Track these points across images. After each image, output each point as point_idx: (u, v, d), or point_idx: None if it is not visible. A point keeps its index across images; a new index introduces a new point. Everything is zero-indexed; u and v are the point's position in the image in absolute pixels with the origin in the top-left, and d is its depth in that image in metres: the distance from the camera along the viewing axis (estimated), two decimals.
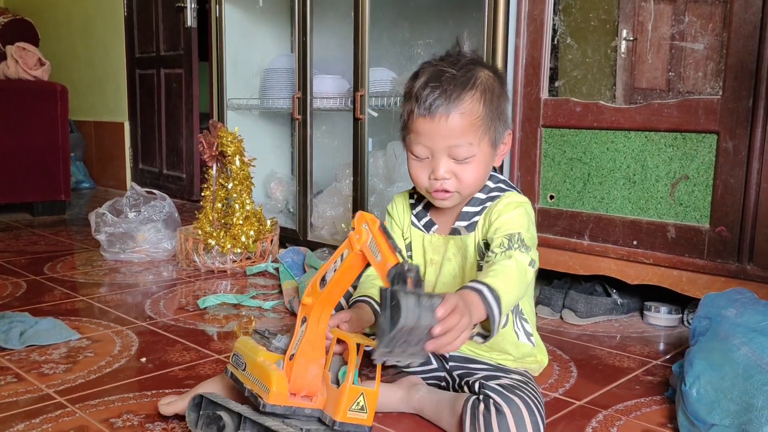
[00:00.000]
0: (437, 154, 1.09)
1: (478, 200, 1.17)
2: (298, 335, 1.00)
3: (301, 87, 2.45)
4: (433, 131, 1.07)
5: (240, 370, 1.05)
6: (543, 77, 1.78)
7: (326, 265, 1.00)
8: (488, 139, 1.10)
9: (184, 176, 3.89)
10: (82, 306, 1.83)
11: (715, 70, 1.60)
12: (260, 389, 0.99)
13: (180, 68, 3.81)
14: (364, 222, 0.93)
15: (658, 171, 1.62)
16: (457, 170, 1.09)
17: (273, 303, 1.87)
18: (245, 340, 1.08)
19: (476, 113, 1.08)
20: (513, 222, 1.10)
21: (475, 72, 1.10)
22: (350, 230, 0.98)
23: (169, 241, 2.41)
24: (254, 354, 1.03)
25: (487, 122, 1.09)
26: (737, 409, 1.00)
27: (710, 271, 1.55)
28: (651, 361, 1.47)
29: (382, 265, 0.89)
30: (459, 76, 1.08)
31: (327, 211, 2.48)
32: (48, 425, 1.12)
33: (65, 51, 4.64)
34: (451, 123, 1.06)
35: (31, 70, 3.31)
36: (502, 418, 1.01)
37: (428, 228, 1.21)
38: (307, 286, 1.01)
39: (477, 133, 1.08)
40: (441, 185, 1.10)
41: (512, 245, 1.06)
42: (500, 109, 1.12)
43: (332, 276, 0.97)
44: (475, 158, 1.09)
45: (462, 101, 1.07)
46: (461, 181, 1.10)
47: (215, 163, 2.31)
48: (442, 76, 1.08)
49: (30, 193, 3.29)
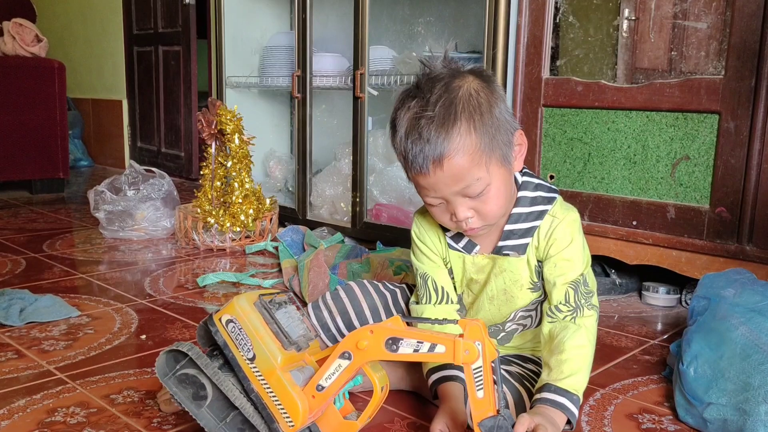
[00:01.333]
0: (451, 199, 0.99)
1: (521, 216, 1.07)
2: (333, 368, 0.89)
3: (300, 65, 2.43)
4: (434, 184, 0.98)
5: (243, 356, 0.90)
6: (544, 56, 1.77)
7: (404, 331, 0.87)
8: (496, 161, 0.98)
9: (183, 154, 3.88)
10: (82, 283, 1.84)
11: (718, 49, 1.59)
12: (278, 413, 0.89)
13: (178, 46, 3.78)
14: (478, 340, 0.84)
15: (659, 151, 1.61)
16: (477, 206, 1.00)
17: (272, 281, 1.87)
18: (245, 306, 0.91)
19: (471, 146, 0.95)
20: (574, 261, 1.06)
21: (453, 97, 0.96)
22: (450, 327, 0.91)
23: (168, 220, 2.40)
24: (266, 346, 0.89)
25: (487, 147, 0.97)
26: (734, 388, 1.01)
27: (709, 251, 1.55)
28: (649, 340, 1.48)
29: (480, 403, 0.86)
30: (437, 116, 0.95)
31: (326, 190, 2.48)
32: (49, 401, 1.13)
33: (62, 28, 4.60)
34: (448, 170, 0.95)
35: (28, 46, 3.28)
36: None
37: (469, 249, 1.11)
38: (365, 328, 0.88)
39: (480, 164, 0.96)
40: (465, 225, 1.02)
41: (579, 302, 1.05)
42: (495, 120, 0.98)
43: (408, 353, 0.86)
44: (490, 187, 0.98)
45: (450, 141, 0.94)
46: (485, 215, 1.01)
47: (214, 141, 2.30)
48: (418, 125, 0.96)
49: (28, 171, 3.28)
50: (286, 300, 0.95)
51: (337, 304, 1.23)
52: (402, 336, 0.87)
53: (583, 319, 1.05)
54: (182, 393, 0.92)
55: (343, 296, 1.24)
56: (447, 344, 0.85)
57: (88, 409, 1.10)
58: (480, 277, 1.13)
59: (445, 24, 2.39)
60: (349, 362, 0.88)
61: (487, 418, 0.86)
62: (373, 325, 0.89)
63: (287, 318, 0.92)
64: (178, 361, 0.93)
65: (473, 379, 0.85)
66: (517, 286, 1.11)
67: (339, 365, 0.89)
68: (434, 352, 0.86)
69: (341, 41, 2.46)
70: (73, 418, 1.07)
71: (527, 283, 1.10)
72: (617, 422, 1.10)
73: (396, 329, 0.87)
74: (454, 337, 0.85)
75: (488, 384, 0.85)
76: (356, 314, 1.23)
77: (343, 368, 0.89)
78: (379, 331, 0.87)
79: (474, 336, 0.84)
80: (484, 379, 0.85)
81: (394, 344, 0.87)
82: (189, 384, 0.92)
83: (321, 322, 1.24)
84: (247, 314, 0.90)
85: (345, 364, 0.89)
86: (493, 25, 1.83)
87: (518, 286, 1.10)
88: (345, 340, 0.89)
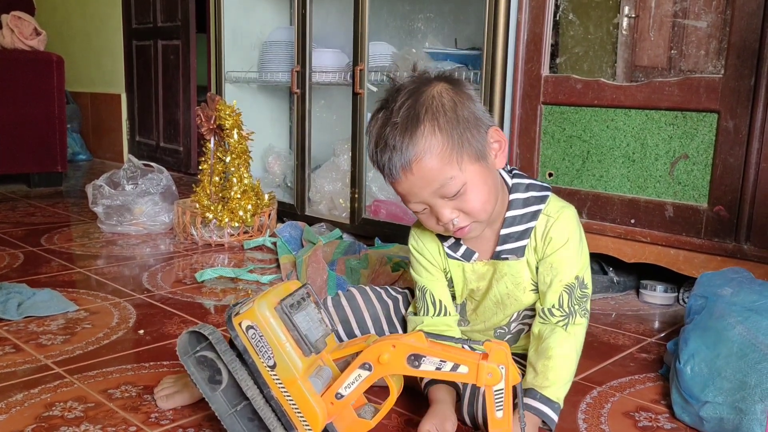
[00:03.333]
0: (431, 202, 1.00)
1: (515, 218, 1.07)
2: (353, 378, 0.90)
3: (300, 60, 2.43)
4: (409, 188, 0.99)
5: (263, 362, 0.90)
6: (544, 54, 1.77)
7: (427, 348, 0.87)
8: (468, 158, 0.97)
9: (182, 149, 3.88)
10: (80, 278, 1.83)
11: (718, 48, 1.59)
12: (297, 420, 0.89)
13: (177, 40, 3.77)
14: (502, 364, 0.85)
15: (658, 149, 1.62)
16: (459, 205, 0.99)
17: (270, 277, 1.87)
18: (266, 314, 0.90)
19: (437, 147, 0.95)
20: (570, 261, 1.06)
21: (417, 101, 0.97)
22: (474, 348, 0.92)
23: (167, 215, 2.40)
24: (287, 356, 0.89)
25: (456, 144, 0.96)
26: (731, 386, 1.01)
27: (707, 250, 1.55)
28: (646, 338, 1.48)
29: (498, 423, 0.87)
30: (401, 122, 0.96)
31: (325, 186, 2.48)
32: (47, 395, 1.13)
33: (61, 21, 4.59)
34: (418, 173, 0.96)
35: (27, 39, 3.27)
36: None
37: (468, 257, 1.11)
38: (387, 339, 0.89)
39: (451, 162, 0.96)
40: (452, 227, 1.01)
41: (573, 308, 1.05)
42: (463, 120, 0.98)
43: (430, 370, 0.87)
44: (467, 186, 0.98)
45: (415, 145, 0.95)
46: (469, 213, 1.00)
47: (213, 136, 2.30)
48: (383, 133, 0.98)
49: (26, 165, 3.28)
50: (305, 296, 0.94)
51: (338, 312, 1.22)
52: (425, 353, 0.87)
53: (575, 327, 1.05)
54: (199, 374, 0.93)
55: (344, 304, 1.23)
56: (471, 366, 0.86)
57: (86, 403, 1.10)
58: (481, 284, 1.12)
59: (444, 20, 2.39)
60: (369, 373, 0.89)
61: None
62: (394, 338, 0.89)
63: (307, 321, 0.92)
64: (199, 342, 0.94)
65: (494, 400, 0.87)
66: (519, 289, 1.10)
67: (359, 375, 0.90)
68: (457, 372, 0.86)
69: (341, 37, 2.46)
70: (71, 413, 1.07)
71: (529, 285, 1.10)
72: (614, 420, 1.10)
73: (419, 346, 0.87)
74: (478, 359, 0.85)
75: (508, 406, 0.87)
76: (357, 322, 1.22)
77: (362, 378, 0.90)
78: (402, 347, 0.87)
79: (498, 360, 0.85)
80: (505, 401, 0.86)
81: (416, 360, 0.87)
82: (207, 366, 0.93)
83: None
84: (268, 321, 0.89)
85: (365, 374, 0.89)
86: (493, 22, 1.83)
87: (521, 288, 1.10)
88: (367, 351, 0.89)
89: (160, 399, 1.10)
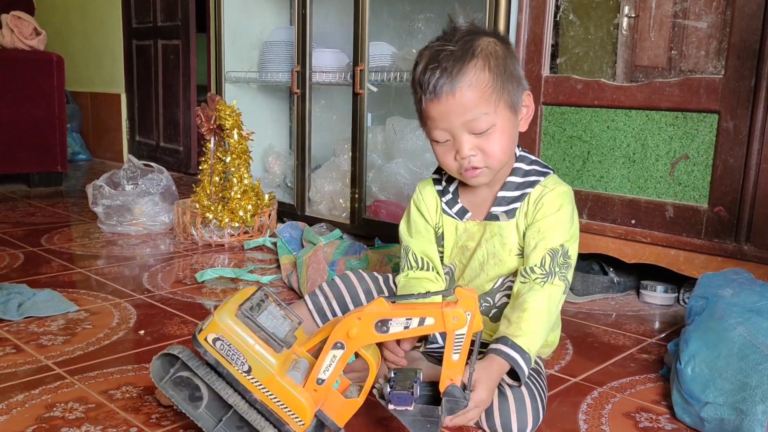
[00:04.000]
0: (457, 134, 1.06)
1: (513, 184, 1.14)
2: (329, 360, 0.91)
3: (300, 60, 2.43)
4: (444, 112, 1.04)
5: (238, 369, 0.90)
6: (544, 54, 1.77)
7: (390, 311, 0.90)
8: (504, 104, 1.06)
9: (182, 149, 3.87)
10: (80, 278, 1.83)
11: (718, 48, 1.59)
12: (286, 416, 0.90)
13: (177, 39, 3.77)
14: (469, 311, 0.88)
15: (658, 150, 1.62)
16: (482, 144, 1.06)
17: (271, 277, 1.87)
18: (228, 322, 0.90)
19: (483, 81, 1.04)
20: (558, 228, 1.10)
21: (474, 42, 1.06)
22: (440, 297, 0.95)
23: (167, 215, 2.40)
24: (259, 356, 0.89)
25: (498, 87, 1.05)
26: (731, 387, 1.01)
27: (707, 250, 1.55)
28: (646, 339, 1.48)
29: (452, 365, 0.91)
30: (457, 50, 1.04)
31: (325, 186, 2.48)
32: (47, 396, 1.13)
33: (61, 21, 4.58)
34: (459, 98, 1.03)
35: (26, 39, 3.27)
36: (504, 402, 1.02)
37: (461, 215, 1.18)
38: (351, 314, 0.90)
39: (490, 101, 1.04)
40: (469, 163, 1.07)
41: (553, 269, 1.08)
42: (509, 70, 1.07)
43: (399, 330, 0.89)
44: (496, 127, 1.05)
45: (465, 73, 1.03)
46: (488, 154, 1.06)
47: (213, 136, 2.30)
48: (439, 56, 1.05)
49: (26, 164, 3.28)
50: (263, 298, 0.95)
51: (333, 289, 1.28)
52: (390, 316, 0.89)
53: (552, 287, 1.08)
54: (179, 395, 0.93)
55: (338, 282, 1.29)
56: (436, 315, 0.89)
57: (87, 404, 1.10)
58: (471, 244, 1.17)
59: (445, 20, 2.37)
60: (343, 351, 0.91)
61: (456, 387, 0.92)
62: (358, 311, 0.91)
63: (271, 319, 0.92)
64: (172, 364, 0.94)
65: (453, 343, 0.90)
66: (506, 250, 1.15)
67: (334, 356, 0.91)
68: (424, 325, 0.89)
69: (341, 37, 2.45)
70: (72, 414, 1.07)
71: (515, 249, 1.15)
72: (615, 421, 1.10)
73: (382, 311, 0.89)
74: (440, 307, 0.89)
75: (465, 350, 0.90)
76: (351, 296, 1.27)
77: (338, 358, 0.91)
78: (367, 316, 0.89)
79: (467, 306, 0.88)
80: (464, 346, 0.90)
81: (384, 326, 0.90)
82: (184, 386, 0.93)
83: (317, 307, 1.28)
84: (232, 329, 0.89)
85: (339, 353, 0.91)
86: (494, 23, 1.83)
87: (507, 250, 1.15)
88: (335, 331, 0.90)
89: (162, 396, 1.10)
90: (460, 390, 0.93)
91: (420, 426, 0.94)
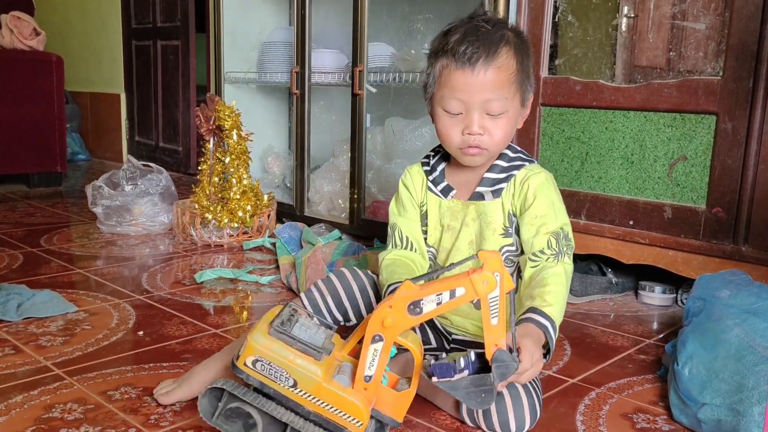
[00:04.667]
0: (472, 109, 1.09)
1: (499, 167, 1.18)
2: (371, 356, 0.90)
3: (299, 61, 2.43)
4: (471, 84, 1.07)
5: (283, 386, 0.90)
6: (543, 55, 1.77)
7: (420, 291, 0.89)
8: (519, 97, 1.12)
9: (181, 149, 3.88)
10: (79, 279, 1.84)
11: (716, 50, 1.59)
12: (342, 420, 0.90)
13: (177, 40, 3.77)
14: (497, 272, 0.87)
15: (657, 151, 1.62)
16: (490, 126, 1.09)
17: (270, 278, 1.87)
18: (264, 341, 0.90)
19: (511, 68, 1.09)
20: (553, 211, 1.13)
21: (505, 30, 1.11)
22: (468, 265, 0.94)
23: (166, 215, 2.40)
24: (302, 368, 0.89)
25: (520, 78, 1.10)
26: (728, 389, 1.01)
27: (705, 251, 1.55)
28: (644, 340, 1.49)
29: (493, 330, 0.89)
30: (492, 32, 1.08)
31: (324, 186, 2.48)
32: (46, 397, 1.13)
33: (60, 21, 4.58)
34: (489, 76, 1.07)
35: (26, 39, 3.27)
36: (501, 400, 1.02)
37: (446, 194, 1.21)
38: (381, 305, 0.89)
39: (511, 88, 1.09)
40: (474, 141, 1.10)
41: (561, 248, 1.12)
42: (528, 67, 1.13)
43: (433, 308, 0.89)
44: (507, 114, 1.10)
45: (499, 55, 1.07)
46: (493, 137, 1.10)
47: (212, 137, 2.30)
48: (478, 31, 1.08)
49: (26, 165, 3.28)
50: (292, 312, 0.95)
51: (328, 286, 1.28)
52: (420, 297, 0.89)
53: (564, 264, 1.11)
54: (233, 428, 0.93)
55: (334, 279, 1.30)
56: (465, 284, 0.88)
57: (86, 405, 1.11)
58: (455, 223, 1.20)
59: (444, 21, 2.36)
60: (383, 343, 0.90)
61: (503, 351, 0.91)
62: (387, 300, 0.90)
63: (305, 330, 0.93)
64: (218, 399, 0.94)
65: (489, 308, 0.89)
66: (490, 230, 1.18)
67: (375, 350, 0.90)
68: (456, 297, 0.88)
69: (340, 38, 2.46)
70: (71, 415, 1.07)
71: (500, 228, 1.18)
72: (612, 422, 1.10)
73: (411, 293, 0.89)
74: (468, 275, 0.88)
75: (502, 311, 0.89)
76: (346, 293, 1.26)
77: (379, 351, 0.90)
78: (398, 302, 0.89)
79: (493, 267, 0.87)
80: (500, 308, 0.88)
81: (417, 307, 0.89)
82: (236, 417, 0.93)
83: (313, 304, 1.28)
84: (269, 347, 0.90)
85: (379, 346, 0.90)
86: None
87: (491, 229, 1.18)
88: (370, 325, 0.90)
89: (161, 396, 1.11)
90: (508, 353, 0.91)
91: (474, 397, 0.92)
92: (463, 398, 0.93)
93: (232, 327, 1.50)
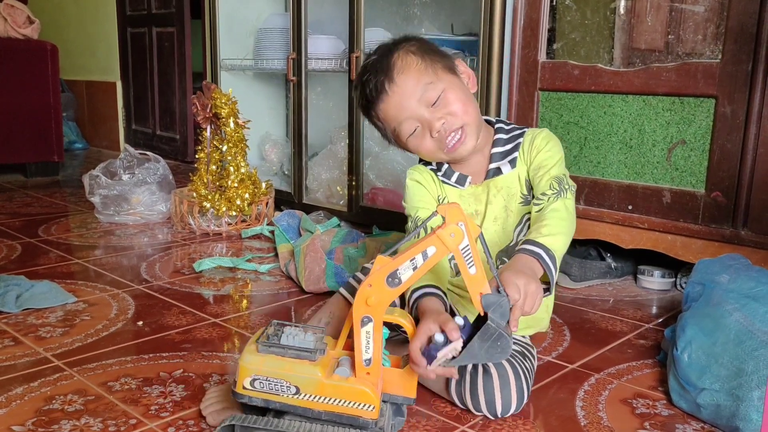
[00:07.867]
0: (419, 114, 1.12)
1: (502, 140, 1.21)
2: (364, 339, 0.90)
3: (295, 47, 2.41)
4: (398, 102, 1.12)
5: (287, 396, 0.90)
6: (541, 39, 1.76)
7: (393, 261, 0.88)
8: (442, 69, 1.14)
9: (178, 137, 3.86)
10: (78, 269, 1.83)
11: (715, 33, 1.58)
12: (356, 410, 0.90)
13: (172, 27, 3.74)
14: (460, 221, 0.87)
15: (655, 135, 1.61)
16: (443, 109, 1.12)
17: (269, 266, 1.87)
18: (254, 359, 0.90)
19: (412, 62, 1.13)
20: (555, 159, 1.17)
21: (389, 44, 1.17)
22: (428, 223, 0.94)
23: (164, 204, 2.40)
24: (300, 373, 0.90)
25: (428, 60, 1.14)
26: (727, 373, 1.02)
27: (704, 236, 1.55)
28: (643, 324, 1.49)
29: (473, 279, 0.88)
30: (377, 56, 1.15)
31: (322, 173, 2.47)
32: (46, 388, 1.13)
33: (54, 9, 4.55)
34: (401, 83, 1.12)
35: (20, 28, 3.25)
36: (489, 380, 1.03)
37: (462, 182, 1.22)
38: (362, 286, 0.89)
39: (427, 72, 1.12)
40: (444, 128, 1.12)
41: (563, 188, 1.14)
42: (431, 48, 1.17)
43: (411, 274, 0.88)
44: (446, 90, 1.12)
45: (393, 63, 1.12)
46: (454, 113, 1.12)
47: (209, 125, 2.29)
48: (367, 68, 1.15)
49: (22, 154, 3.27)
50: (277, 326, 0.96)
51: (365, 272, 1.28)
52: (395, 267, 0.88)
53: (566, 200, 1.13)
54: None
55: None
56: (434, 242, 0.87)
57: (86, 396, 1.11)
58: (479, 207, 1.23)
59: (441, 6, 2.37)
60: (372, 323, 0.90)
61: (488, 294, 0.90)
62: (366, 279, 0.90)
63: (293, 338, 0.93)
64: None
65: (464, 259, 0.88)
66: (514, 200, 1.21)
67: (367, 332, 0.90)
68: (429, 257, 0.88)
69: (337, 23, 2.44)
70: (71, 406, 1.07)
71: (519, 197, 1.21)
72: (611, 406, 1.11)
73: (386, 266, 0.88)
74: (434, 233, 0.87)
75: (477, 259, 0.88)
76: None
77: (372, 333, 0.90)
78: (375, 278, 0.88)
79: (455, 218, 0.87)
80: (473, 256, 0.88)
81: (395, 278, 0.88)
82: None
83: (351, 291, 1.27)
84: (262, 363, 0.90)
85: (370, 327, 0.90)
86: (490, 8, 1.82)
87: (515, 199, 1.21)
88: (354, 309, 0.90)
89: (210, 415, 1.02)
90: (494, 294, 0.90)
91: (492, 351, 0.90)
92: (483, 359, 0.91)
93: (232, 316, 1.50)
